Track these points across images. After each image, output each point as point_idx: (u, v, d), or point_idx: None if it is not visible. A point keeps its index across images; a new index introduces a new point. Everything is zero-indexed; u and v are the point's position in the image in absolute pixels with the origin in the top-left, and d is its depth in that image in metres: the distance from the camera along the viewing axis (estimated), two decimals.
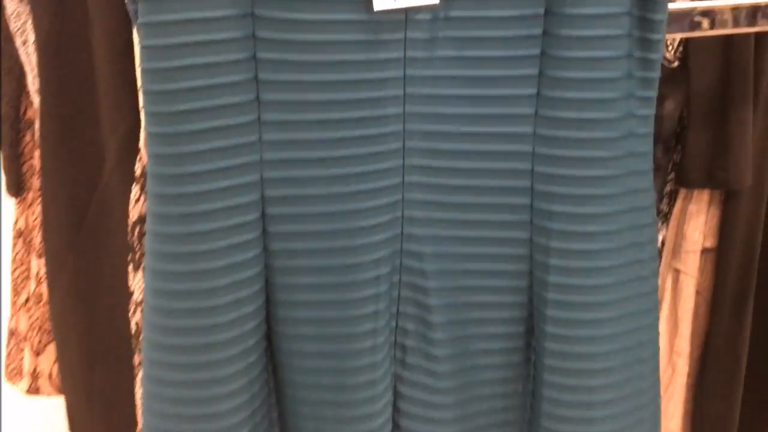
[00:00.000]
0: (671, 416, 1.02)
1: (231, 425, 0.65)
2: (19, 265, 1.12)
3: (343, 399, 0.65)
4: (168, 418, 0.65)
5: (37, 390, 1.13)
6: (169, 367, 0.64)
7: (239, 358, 0.64)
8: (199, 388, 0.64)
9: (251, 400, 0.66)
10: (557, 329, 0.65)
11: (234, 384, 0.64)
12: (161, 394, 0.65)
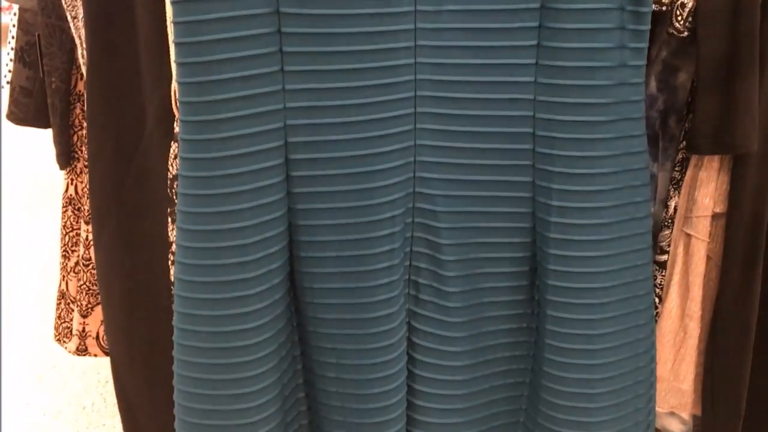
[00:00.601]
0: (683, 378, 1.06)
1: (257, 359, 0.70)
2: (69, 231, 1.20)
3: (362, 332, 0.70)
4: (200, 352, 0.70)
5: (85, 350, 1.21)
6: (199, 304, 0.69)
7: (266, 295, 0.69)
8: (228, 323, 0.69)
9: (277, 335, 0.71)
10: (558, 266, 0.70)
11: (261, 319, 0.69)
12: (193, 331, 0.70)
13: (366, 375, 0.69)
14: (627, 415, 0.77)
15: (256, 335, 0.69)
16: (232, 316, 0.68)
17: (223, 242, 0.67)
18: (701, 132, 0.95)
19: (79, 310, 1.18)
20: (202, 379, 0.69)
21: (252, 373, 0.68)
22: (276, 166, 0.68)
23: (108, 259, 0.99)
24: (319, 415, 0.73)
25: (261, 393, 0.69)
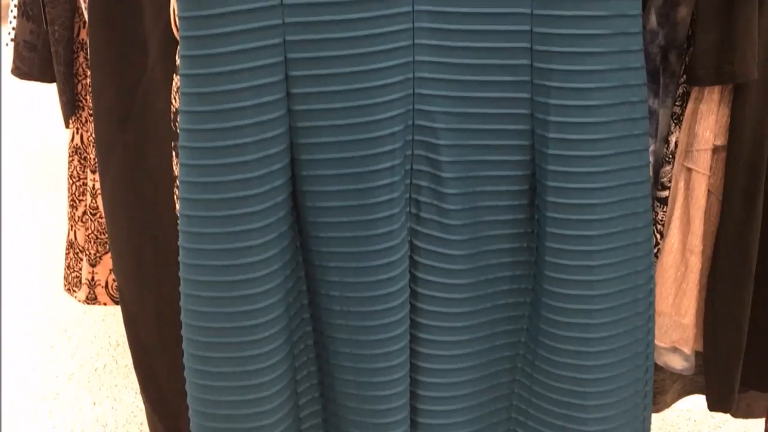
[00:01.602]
0: (684, 312, 1.07)
1: (263, 275, 0.70)
2: (75, 180, 1.21)
3: (364, 250, 0.71)
4: (206, 271, 0.71)
5: (95, 299, 1.23)
6: (204, 221, 0.71)
7: (270, 213, 0.70)
8: (233, 239, 0.70)
9: (282, 253, 0.72)
10: (557, 182, 0.71)
11: (266, 236, 0.70)
12: (199, 249, 0.71)
13: (369, 293, 0.70)
14: (626, 332, 0.77)
15: (261, 251, 0.69)
16: (237, 233, 0.69)
17: (225, 159, 0.68)
18: (701, 63, 0.96)
19: (88, 259, 1.20)
20: (211, 297, 0.70)
21: (259, 290, 0.69)
22: (276, 83, 0.69)
23: (114, 194, 1.00)
24: (324, 335, 0.74)
25: (268, 310, 0.70)
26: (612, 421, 0.78)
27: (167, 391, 0.99)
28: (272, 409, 0.70)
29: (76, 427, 1.85)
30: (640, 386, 0.82)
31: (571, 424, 0.78)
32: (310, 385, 0.75)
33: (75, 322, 2.19)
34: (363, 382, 0.71)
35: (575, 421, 0.77)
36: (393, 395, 0.71)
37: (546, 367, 0.76)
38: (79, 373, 2.01)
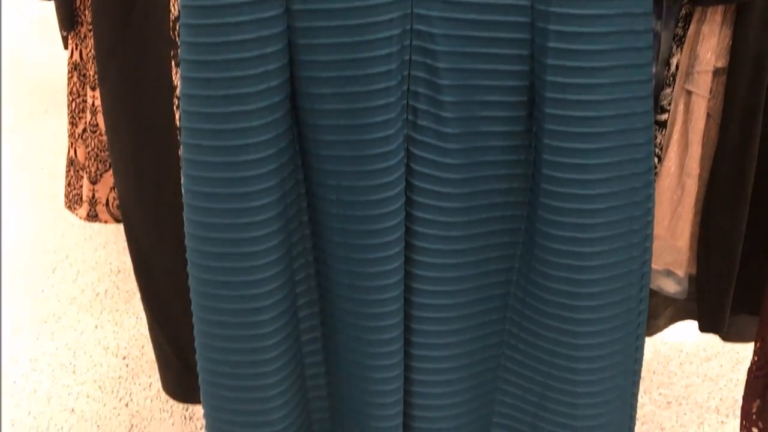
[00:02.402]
0: (679, 235, 1.08)
1: (262, 189, 0.71)
2: (75, 97, 1.21)
3: (360, 154, 0.71)
4: (204, 182, 0.72)
5: (96, 216, 1.24)
6: (204, 134, 0.71)
7: (270, 128, 0.70)
8: (230, 153, 0.70)
9: (280, 169, 0.72)
10: (555, 94, 0.71)
11: (264, 152, 0.70)
12: (198, 160, 0.72)
13: (365, 197, 0.71)
14: (620, 261, 0.78)
15: (259, 166, 0.69)
16: (236, 147, 0.69)
17: (224, 73, 0.67)
18: None
19: (88, 176, 1.21)
20: (211, 193, 0.70)
21: (256, 188, 0.69)
22: None
23: (113, 106, 1.00)
24: (322, 239, 0.74)
25: (265, 208, 0.70)
26: (604, 347, 0.78)
27: (167, 301, 1.01)
28: (269, 305, 0.71)
29: (78, 349, 1.88)
30: (633, 316, 0.82)
31: (561, 348, 0.79)
32: (307, 287, 0.76)
33: (76, 248, 2.21)
34: (359, 286, 0.72)
35: (565, 346, 0.78)
36: (387, 299, 0.72)
37: (539, 293, 0.77)
38: (81, 297, 2.04)
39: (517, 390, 0.83)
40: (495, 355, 0.81)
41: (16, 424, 1.69)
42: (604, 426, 0.82)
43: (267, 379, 0.72)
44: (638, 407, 1.82)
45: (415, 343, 0.75)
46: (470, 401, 0.81)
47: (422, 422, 0.77)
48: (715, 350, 1.99)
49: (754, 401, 1.01)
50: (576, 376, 0.79)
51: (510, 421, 0.84)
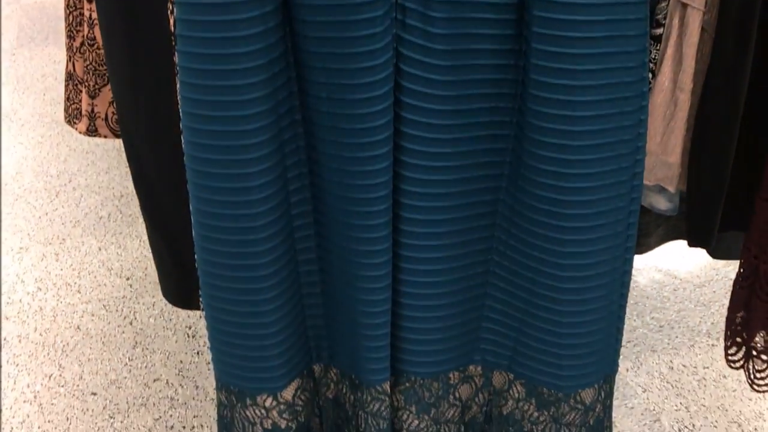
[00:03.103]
0: (671, 151, 1.09)
1: (252, 83, 0.70)
2: (72, 10, 1.21)
3: (348, 52, 0.70)
4: (194, 74, 0.71)
5: (95, 131, 1.25)
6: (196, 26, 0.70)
7: (258, 21, 0.70)
8: (219, 46, 0.69)
9: (270, 64, 0.72)
10: (543, 13, 0.70)
11: (253, 46, 0.69)
12: (192, 68, 0.71)
13: (352, 95, 0.70)
14: (611, 171, 0.77)
15: (249, 43, 0.68)
16: (225, 39, 0.68)
17: None
18: None
19: (87, 90, 1.22)
20: (201, 85, 0.69)
21: (246, 82, 0.69)
22: None
23: (108, 12, 1.00)
24: (314, 136, 0.75)
25: (255, 102, 0.70)
26: (590, 256, 0.77)
27: (166, 211, 1.02)
28: (262, 198, 0.72)
29: (83, 270, 1.92)
30: (621, 228, 0.81)
31: (547, 256, 0.77)
32: (300, 186, 0.77)
33: (79, 173, 2.23)
34: (349, 184, 0.73)
35: (552, 253, 0.77)
36: (376, 198, 0.73)
37: (527, 200, 0.76)
38: (85, 220, 2.07)
39: (505, 296, 0.84)
40: (483, 260, 0.82)
41: (23, 340, 1.73)
42: (588, 336, 0.81)
43: (258, 271, 0.74)
44: (631, 330, 1.86)
45: (404, 244, 0.76)
46: (459, 304, 0.82)
47: (411, 322, 0.79)
48: (708, 277, 2.02)
49: (739, 312, 1.03)
50: (561, 283, 0.79)
51: (498, 326, 0.86)
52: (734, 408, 1.63)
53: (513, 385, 0.85)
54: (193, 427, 1.57)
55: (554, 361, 0.81)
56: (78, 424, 1.57)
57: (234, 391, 0.79)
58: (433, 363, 0.82)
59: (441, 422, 0.84)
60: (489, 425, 0.87)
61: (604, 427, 0.85)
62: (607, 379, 0.84)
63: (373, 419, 0.79)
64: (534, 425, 0.84)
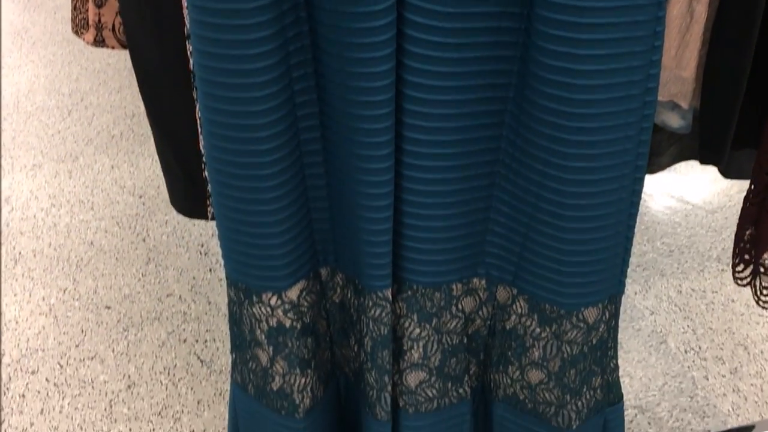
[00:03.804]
0: (686, 65, 1.07)
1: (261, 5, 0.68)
2: None
3: None
4: None
5: (103, 41, 1.24)
6: None
7: None
8: None
9: None
10: None
11: None
12: None
13: (351, 8, 0.68)
14: (621, 84, 0.74)
15: None
16: None
17: None
18: None
19: (93, 0, 1.20)
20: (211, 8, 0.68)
21: None
22: None
23: None
24: (319, 48, 0.73)
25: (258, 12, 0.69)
26: (596, 172, 0.75)
27: (173, 117, 1.02)
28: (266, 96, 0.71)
29: (96, 188, 1.93)
30: (631, 144, 0.78)
31: (549, 169, 0.76)
32: (306, 86, 0.75)
33: (91, 92, 2.23)
34: (350, 86, 0.72)
35: (555, 167, 0.75)
36: (378, 102, 0.72)
37: (533, 111, 0.74)
38: (97, 139, 2.07)
39: (510, 209, 0.83)
40: (489, 172, 0.81)
41: (38, 255, 1.76)
42: (592, 254, 0.80)
43: (263, 170, 0.73)
44: (641, 255, 1.86)
45: (407, 152, 0.76)
46: (463, 215, 0.81)
47: (414, 230, 0.78)
48: (721, 203, 2.01)
49: (747, 229, 1.03)
50: (564, 198, 0.78)
51: (502, 240, 0.85)
52: (741, 331, 1.64)
53: (516, 300, 0.85)
54: (206, 340, 1.60)
55: (556, 277, 0.80)
56: (93, 336, 1.60)
57: (242, 288, 0.80)
58: (435, 273, 0.82)
59: (443, 332, 0.84)
60: (492, 339, 0.88)
61: (608, 347, 0.85)
62: (612, 300, 0.83)
63: (374, 324, 0.80)
64: (536, 341, 0.84)
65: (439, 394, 0.84)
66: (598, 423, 0.86)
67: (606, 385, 0.85)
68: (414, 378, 0.83)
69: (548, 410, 0.83)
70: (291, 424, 0.84)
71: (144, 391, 1.48)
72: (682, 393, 1.49)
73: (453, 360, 0.84)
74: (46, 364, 1.54)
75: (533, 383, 0.84)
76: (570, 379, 0.82)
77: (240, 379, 0.86)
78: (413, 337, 0.83)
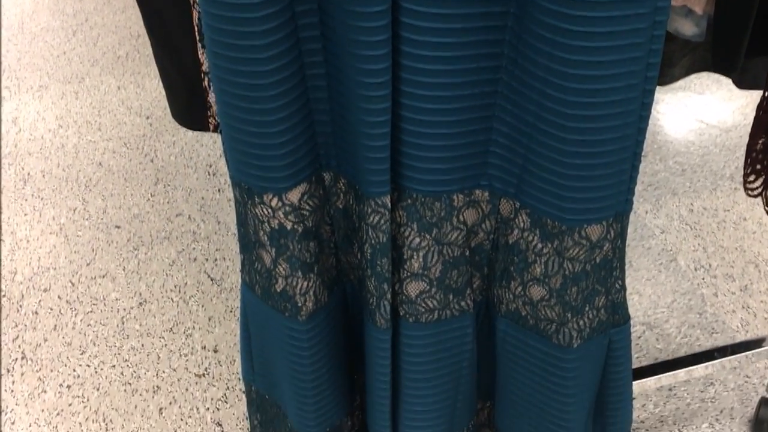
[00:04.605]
0: None
1: None
2: None
3: None
4: None
5: None
6: None
7: None
8: None
9: None
10: None
11: None
12: None
13: None
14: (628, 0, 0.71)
15: None
16: None
17: None
18: None
19: None
20: None
21: None
22: None
23: None
24: None
25: None
26: (602, 81, 0.71)
27: (171, 28, 1.00)
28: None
29: (102, 108, 1.92)
30: (641, 52, 0.75)
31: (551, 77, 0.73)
32: None
33: (95, 12, 2.19)
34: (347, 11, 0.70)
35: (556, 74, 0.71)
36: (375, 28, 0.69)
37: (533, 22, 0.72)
38: (103, 60, 2.05)
39: (513, 119, 0.80)
40: (492, 79, 0.79)
41: (47, 175, 1.76)
42: (595, 168, 0.76)
43: (261, 66, 0.72)
44: (652, 174, 1.85)
45: (407, 54, 0.74)
46: (465, 123, 0.79)
47: (414, 137, 0.77)
48: (735, 122, 1.97)
49: (760, 138, 1.01)
50: (566, 108, 0.74)
51: (505, 151, 0.83)
52: (752, 249, 1.63)
53: (519, 213, 0.83)
54: (216, 259, 1.61)
55: (558, 191, 0.78)
56: (103, 255, 1.62)
57: (244, 188, 0.80)
58: (435, 182, 0.81)
59: (443, 243, 0.83)
60: (496, 253, 0.87)
61: (613, 267, 0.83)
62: (617, 218, 0.81)
63: (373, 231, 0.79)
64: (537, 257, 0.83)
65: (439, 305, 0.84)
66: (602, 343, 0.85)
67: (611, 305, 0.84)
68: (414, 288, 0.83)
69: (549, 327, 0.83)
70: (294, 326, 0.85)
71: (155, 308, 1.50)
72: (690, 310, 1.49)
73: (454, 272, 0.84)
74: (58, 282, 1.56)
75: (535, 299, 0.83)
76: (571, 296, 0.81)
77: (248, 280, 0.87)
78: (413, 247, 0.82)
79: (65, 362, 1.39)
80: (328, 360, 0.91)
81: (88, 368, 1.38)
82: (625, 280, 0.85)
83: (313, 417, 0.95)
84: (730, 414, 1.29)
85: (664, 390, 1.33)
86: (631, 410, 0.95)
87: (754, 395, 1.32)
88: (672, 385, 1.34)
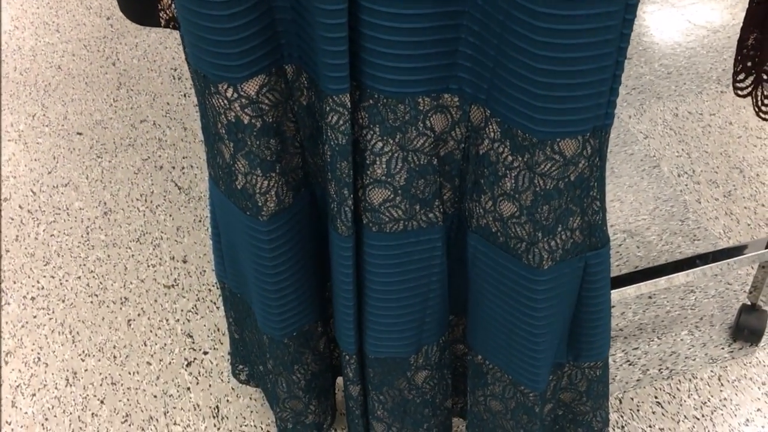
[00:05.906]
0: None
1: None
2: None
3: None
4: None
5: None
6: None
7: None
8: None
9: None
10: None
11: None
12: None
13: None
14: None
15: None
16: None
17: None
18: None
19: None
20: None
21: None
22: None
23: None
24: None
25: None
26: None
27: None
28: None
29: (60, 8, 1.81)
30: None
31: None
32: None
33: None
34: None
35: None
36: None
37: None
38: None
39: (484, 17, 0.73)
40: None
41: (3, 79, 1.67)
42: (570, 76, 0.67)
43: None
44: (637, 77, 1.78)
45: None
46: (430, 18, 0.70)
47: (376, 31, 0.69)
48: (724, 22, 1.90)
49: (752, 33, 0.95)
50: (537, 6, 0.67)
51: (476, 53, 0.74)
52: (737, 154, 1.59)
53: (489, 122, 0.77)
54: (183, 167, 1.55)
55: (528, 100, 0.70)
56: (65, 162, 1.55)
57: (201, 75, 0.75)
58: (398, 82, 0.74)
59: (408, 149, 0.78)
60: (467, 164, 0.82)
61: (590, 186, 0.77)
62: (595, 134, 0.74)
63: (332, 132, 0.74)
64: (508, 170, 0.76)
65: (405, 215, 0.79)
66: (577, 266, 0.81)
67: (587, 227, 0.79)
68: (377, 195, 0.78)
69: (519, 246, 0.78)
70: (255, 225, 0.81)
71: (121, 217, 1.45)
72: (672, 217, 1.46)
73: (421, 181, 0.78)
74: (19, 191, 1.49)
75: (505, 216, 0.78)
76: (542, 215, 0.76)
77: (213, 174, 0.83)
78: (376, 152, 0.77)
79: (28, 273, 1.35)
80: (294, 263, 0.87)
81: (53, 279, 1.34)
82: (605, 197, 0.80)
83: (277, 319, 0.92)
84: (710, 321, 1.27)
85: (644, 298, 1.31)
86: (608, 337, 0.91)
87: (734, 302, 1.30)
88: (652, 293, 1.32)
